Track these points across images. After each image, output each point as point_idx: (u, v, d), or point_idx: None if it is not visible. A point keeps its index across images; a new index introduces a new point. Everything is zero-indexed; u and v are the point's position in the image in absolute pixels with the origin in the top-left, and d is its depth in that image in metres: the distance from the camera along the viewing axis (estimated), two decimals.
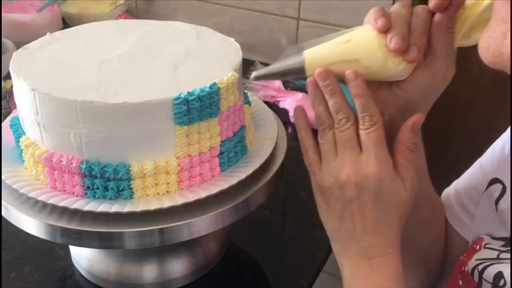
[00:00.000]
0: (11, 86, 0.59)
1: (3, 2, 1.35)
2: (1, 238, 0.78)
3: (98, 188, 0.56)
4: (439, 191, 0.63)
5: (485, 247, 0.55)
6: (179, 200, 0.57)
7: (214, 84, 0.56)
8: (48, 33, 0.67)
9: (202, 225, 0.58)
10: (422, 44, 0.49)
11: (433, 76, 0.50)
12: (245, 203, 0.60)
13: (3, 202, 0.58)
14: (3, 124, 0.67)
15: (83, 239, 0.56)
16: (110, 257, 0.71)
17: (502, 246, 0.54)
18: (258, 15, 1.33)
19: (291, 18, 1.30)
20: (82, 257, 0.73)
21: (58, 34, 0.68)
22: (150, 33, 0.69)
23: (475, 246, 0.57)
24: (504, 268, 0.50)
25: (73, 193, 0.57)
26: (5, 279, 0.73)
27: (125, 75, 0.58)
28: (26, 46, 0.64)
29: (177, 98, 0.54)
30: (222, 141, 0.60)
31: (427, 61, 0.50)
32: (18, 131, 0.62)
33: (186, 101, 0.54)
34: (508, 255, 0.52)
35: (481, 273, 0.53)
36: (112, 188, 0.56)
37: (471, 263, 0.54)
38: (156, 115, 0.55)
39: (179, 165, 0.57)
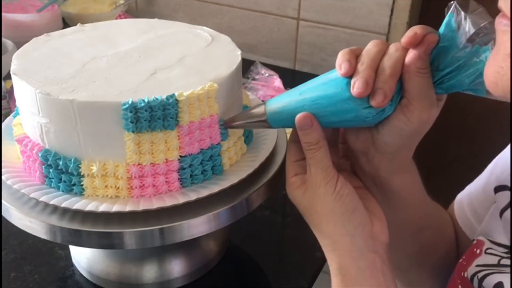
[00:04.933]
0: (11, 86, 0.59)
1: (3, 2, 1.35)
2: (1, 238, 0.78)
3: (53, 178, 0.58)
4: (439, 190, 0.62)
5: (486, 252, 0.55)
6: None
7: (172, 95, 0.54)
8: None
9: (202, 225, 0.58)
10: (389, 88, 0.46)
11: (408, 120, 0.47)
12: (245, 203, 0.60)
13: (3, 202, 0.59)
14: (3, 124, 0.67)
15: (83, 239, 0.57)
16: (110, 257, 0.71)
17: (504, 252, 0.54)
18: (258, 15, 1.34)
19: (291, 18, 1.30)
20: (82, 257, 0.73)
21: (89, 26, 0.71)
22: (165, 35, 0.69)
23: (475, 249, 0.56)
24: (505, 278, 0.50)
25: (35, 178, 0.59)
26: (5, 279, 0.73)
27: (100, 74, 0.59)
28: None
29: (124, 104, 0.53)
30: (182, 156, 0.57)
31: (402, 104, 0.47)
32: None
33: (134, 108, 0.53)
34: (509, 262, 0.52)
35: (480, 281, 0.52)
36: (64, 181, 0.57)
37: (471, 269, 0.54)
38: (104, 117, 0.54)
39: (128, 172, 0.56)
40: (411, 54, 0.47)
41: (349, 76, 0.48)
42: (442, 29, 0.47)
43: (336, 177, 0.51)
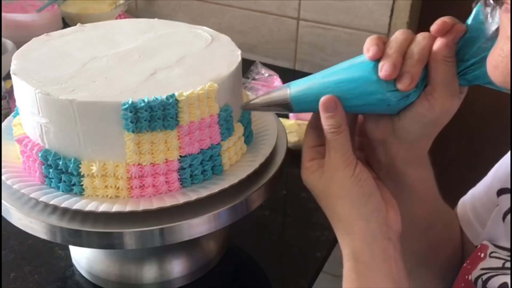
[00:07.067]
0: (11, 86, 0.59)
1: (3, 2, 1.35)
2: (1, 238, 0.78)
3: (53, 178, 0.58)
4: (439, 191, 0.62)
5: (490, 256, 0.55)
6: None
7: (172, 95, 0.54)
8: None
9: (202, 225, 0.58)
10: (415, 72, 0.47)
11: (431, 107, 0.48)
12: (245, 203, 0.60)
13: (3, 202, 0.59)
14: (3, 124, 0.67)
15: (83, 239, 0.56)
16: (110, 257, 0.71)
17: (508, 256, 0.54)
18: (258, 15, 1.33)
19: (291, 18, 1.30)
20: (82, 257, 0.73)
21: (89, 26, 0.71)
22: (165, 35, 0.69)
23: (479, 253, 0.56)
24: (509, 279, 0.50)
25: (35, 178, 0.59)
26: (5, 279, 0.73)
27: (100, 74, 0.59)
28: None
29: (124, 104, 0.53)
30: (182, 156, 0.57)
31: (426, 91, 0.48)
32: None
33: (134, 108, 0.53)
34: None
35: (485, 283, 0.52)
36: (64, 181, 0.57)
37: (476, 272, 0.54)
38: (104, 117, 0.54)
39: (127, 172, 0.56)
40: (438, 42, 0.48)
41: (377, 59, 0.48)
42: (469, 20, 0.47)
43: (355, 162, 0.52)
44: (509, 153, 0.62)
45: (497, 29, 0.44)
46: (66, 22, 1.42)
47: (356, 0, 1.20)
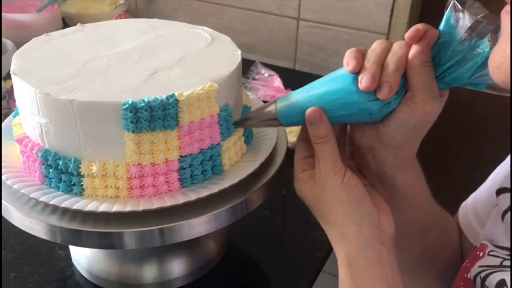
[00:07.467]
0: (11, 86, 0.59)
1: (3, 2, 1.35)
2: (1, 238, 0.78)
3: (53, 178, 0.58)
4: (439, 190, 0.63)
5: (488, 254, 0.55)
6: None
7: (172, 95, 0.54)
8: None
9: (202, 225, 0.58)
10: (394, 81, 0.49)
11: (413, 112, 0.49)
12: (245, 203, 0.60)
13: (3, 202, 0.59)
14: (3, 124, 0.67)
15: (83, 239, 0.57)
16: (110, 257, 0.71)
17: (506, 255, 0.54)
18: (258, 15, 1.34)
19: (291, 18, 1.30)
20: (82, 257, 0.73)
21: (89, 26, 0.71)
22: (165, 35, 0.69)
23: (478, 252, 0.56)
24: (507, 276, 0.50)
25: (35, 178, 0.59)
26: (5, 279, 0.73)
27: (100, 74, 0.59)
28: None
29: (124, 104, 0.53)
30: (182, 156, 0.57)
31: (406, 97, 0.50)
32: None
33: (134, 108, 0.53)
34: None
35: (483, 280, 0.52)
36: (64, 181, 0.57)
37: (474, 269, 0.54)
38: (104, 117, 0.54)
39: (127, 172, 0.56)
40: (414, 49, 0.49)
41: (356, 72, 0.50)
42: (441, 26, 0.49)
43: (344, 169, 0.53)
44: (509, 156, 0.63)
45: (468, 32, 0.47)
46: (66, 22, 1.42)
47: (356, 0, 1.20)
